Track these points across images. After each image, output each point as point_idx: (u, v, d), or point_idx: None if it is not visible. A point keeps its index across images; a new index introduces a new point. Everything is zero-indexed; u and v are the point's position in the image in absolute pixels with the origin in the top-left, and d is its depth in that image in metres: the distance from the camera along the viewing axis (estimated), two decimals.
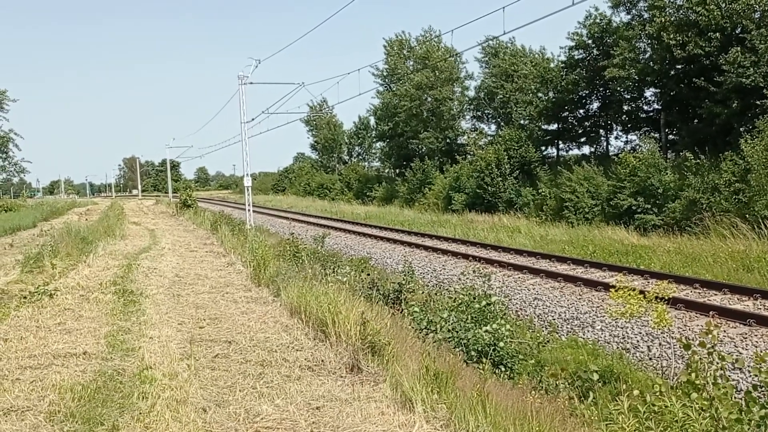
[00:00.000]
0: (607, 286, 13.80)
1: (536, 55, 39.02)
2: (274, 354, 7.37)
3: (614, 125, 33.27)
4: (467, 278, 13.22)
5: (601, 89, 31.67)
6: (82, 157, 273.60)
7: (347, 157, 72.64)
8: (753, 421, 4.16)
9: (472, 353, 9.41)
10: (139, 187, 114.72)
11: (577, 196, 26.68)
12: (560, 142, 36.25)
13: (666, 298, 9.07)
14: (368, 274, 14.35)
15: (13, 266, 15.36)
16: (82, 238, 20.01)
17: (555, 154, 36.78)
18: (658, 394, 4.40)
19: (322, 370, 6.78)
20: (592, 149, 34.67)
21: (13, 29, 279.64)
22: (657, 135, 28.66)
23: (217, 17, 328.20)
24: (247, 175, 28.40)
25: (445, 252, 21.37)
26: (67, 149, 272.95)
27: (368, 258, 21.04)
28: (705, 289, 13.52)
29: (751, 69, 21.05)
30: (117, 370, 6.75)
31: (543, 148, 35.91)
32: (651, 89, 29.07)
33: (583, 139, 35.09)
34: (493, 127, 44.06)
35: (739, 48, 21.52)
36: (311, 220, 38.75)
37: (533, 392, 6.99)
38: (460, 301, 11.12)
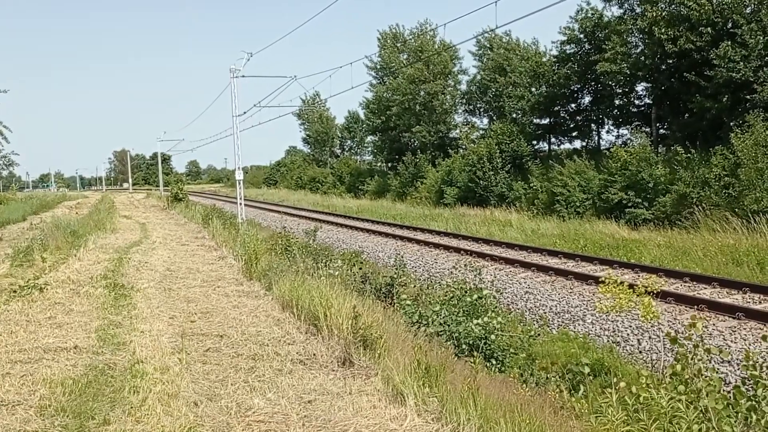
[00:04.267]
0: (597, 280, 13.82)
1: (529, 49, 38.96)
2: (266, 348, 7.37)
3: (606, 119, 33.33)
4: (459, 272, 13.27)
5: (593, 84, 31.72)
6: (72, 150, 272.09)
7: (339, 151, 72.47)
8: (740, 413, 4.20)
9: (464, 346, 9.45)
10: (130, 180, 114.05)
11: (569, 190, 26.77)
12: (552, 136, 36.30)
13: (654, 291, 9.13)
14: (360, 268, 14.36)
15: (2, 260, 15.25)
16: (73, 232, 19.90)
17: (547, 148, 36.84)
18: (644, 386, 4.45)
19: (313, 364, 6.79)
20: (584, 143, 34.73)
21: (2, 21, 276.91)
22: (648, 129, 28.75)
23: (209, 10, 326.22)
24: (239, 168, 28.32)
25: (437, 246, 21.41)
26: (57, 142, 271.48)
27: (360, 252, 21.00)
28: (695, 282, 13.62)
29: (742, 64, 21.15)
30: (108, 365, 6.73)
31: (535, 142, 35.96)
32: (642, 84, 29.15)
33: (574, 134, 35.13)
34: (485, 120, 44.10)
35: (729, 43, 21.61)
36: (303, 213, 38.71)
37: (524, 385, 7.04)
38: (451, 294, 11.16)
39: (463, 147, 38.95)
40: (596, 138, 34.54)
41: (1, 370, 6.56)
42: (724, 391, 4.39)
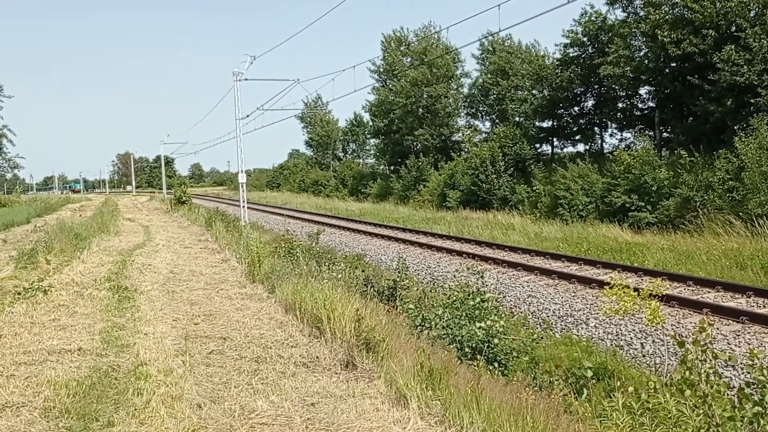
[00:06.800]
0: (601, 284, 13.87)
1: (531, 52, 38.95)
2: (269, 350, 7.37)
3: (609, 123, 33.30)
4: (462, 275, 13.27)
5: (596, 87, 31.71)
6: (76, 153, 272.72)
7: (342, 154, 72.54)
8: (746, 418, 4.19)
9: (467, 350, 9.45)
10: (133, 183, 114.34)
11: (572, 194, 26.74)
12: (555, 140, 36.30)
13: (659, 295, 9.12)
14: (363, 271, 14.37)
15: (7, 262, 15.29)
16: (76, 235, 19.93)
17: (550, 151, 36.82)
18: (652, 391, 4.44)
19: (317, 367, 6.79)
20: (587, 147, 34.72)
21: (5, 23, 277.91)
22: (651, 133, 28.73)
23: (212, 13, 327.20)
24: (242, 171, 28.39)
25: (439, 249, 21.39)
26: (61, 145, 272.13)
27: (363, 255, 21.05)
28: (698, 286, 13.58)
29: (745, 67, 21.12)
30: (112, 366, 6.74)
31: (538, 145, 35.98)
32: (646, 87, 29.12)
33: (577, 137, 35.14)
34: (488, 124, 44.14)
35: (733, 46, 21.58)
36: (306, 216, 38.72)
37: (527, 389, 7.02)
38: (454, 298, 11.16)
39: (466, 150, 38.96)
40: (599, 141, 34.54)
41: (6, 371, 6.58)
42: (728, 395, 4.37)
